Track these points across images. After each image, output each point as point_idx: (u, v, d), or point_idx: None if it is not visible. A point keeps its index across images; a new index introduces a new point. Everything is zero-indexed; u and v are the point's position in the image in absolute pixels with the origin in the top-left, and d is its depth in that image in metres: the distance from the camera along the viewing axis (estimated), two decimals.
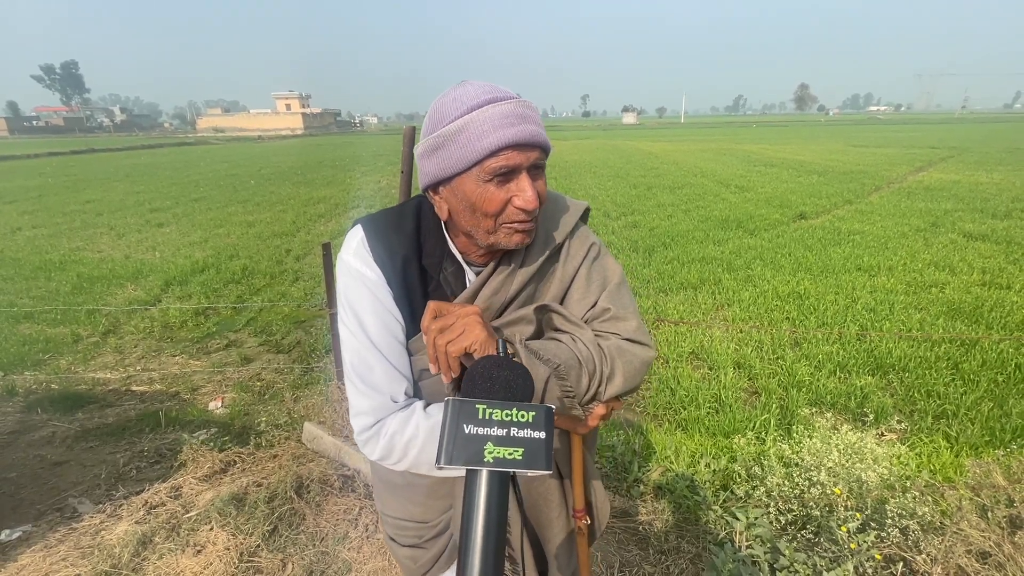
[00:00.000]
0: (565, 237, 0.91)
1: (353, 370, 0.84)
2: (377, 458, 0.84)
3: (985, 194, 9.95)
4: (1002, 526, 1.79)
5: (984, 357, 3.55)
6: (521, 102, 0.75)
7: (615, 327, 0.88)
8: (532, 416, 0.53)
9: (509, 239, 0.80)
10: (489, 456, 0.51)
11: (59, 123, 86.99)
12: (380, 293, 0.84)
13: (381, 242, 0.85)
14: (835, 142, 28.20)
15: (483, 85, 0.77)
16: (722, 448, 2.58)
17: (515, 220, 0.77)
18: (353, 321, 0.84)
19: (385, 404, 0.83)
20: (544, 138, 0.76)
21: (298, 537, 2.07)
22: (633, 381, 0.85)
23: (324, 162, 21.93)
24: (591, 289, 0.90)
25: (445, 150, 0.75)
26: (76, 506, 2.28)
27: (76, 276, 5.95)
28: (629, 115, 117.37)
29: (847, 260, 5.93)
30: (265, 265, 6.39)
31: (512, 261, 0.87)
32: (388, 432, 0.82)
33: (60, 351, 4.08)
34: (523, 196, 0.75)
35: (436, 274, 0.87)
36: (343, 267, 0.86)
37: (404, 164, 1.55)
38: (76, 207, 11.03)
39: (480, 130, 0.72)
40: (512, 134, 0.72)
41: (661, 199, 10.28)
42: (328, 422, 2.81)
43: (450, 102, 0.76)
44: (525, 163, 0.74)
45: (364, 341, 0.83)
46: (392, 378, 0.84)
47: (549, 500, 0.95)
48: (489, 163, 0.73)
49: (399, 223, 0.88)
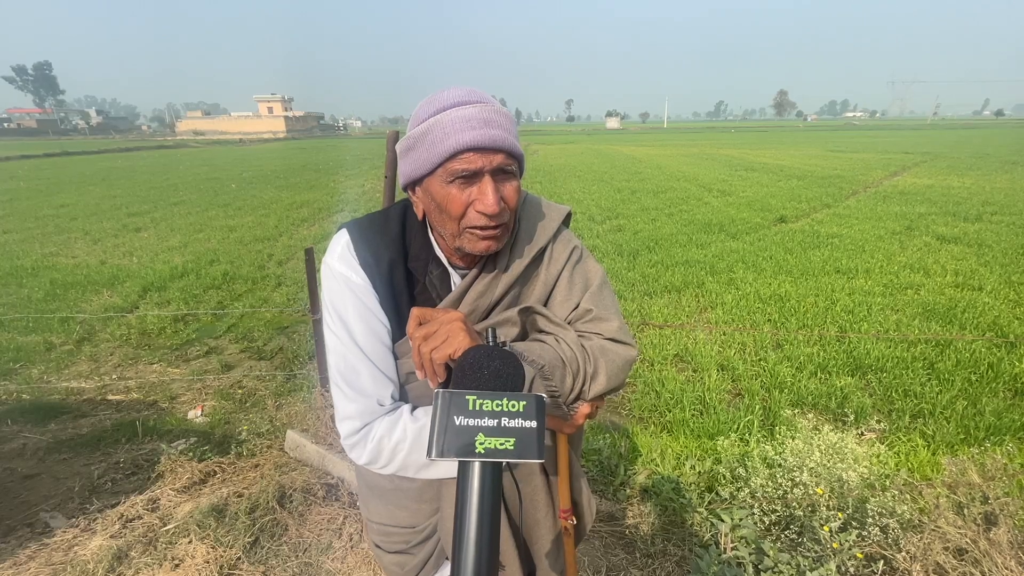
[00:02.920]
0: (548, 241, 0.91)
1: (339, 374, 0.83)
2: (364, 462, 0.84)
3: (957, 198, 10.25)
4: (978, 523, 1.83)
5: (958, 357, 3.65)
6: (489, 107, 0.75)
7: (597, 327, 0.88)
8: (523, 405, 0.53)
9: (474, 245, 0.80)
10: (480, 447, 0.51)
11: (32, 125, 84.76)
12: (366, 297, 0.84)
13: (367, 246, 0.85)
14: (813, 147, 28.83)
15: (461, 90, 0.77)
16: (707, 450, 2.60)
17: (476, 225, 0.77)
18: (339, 325, 0.84)
19: (372, 408, 0.83)
20: (510, 143, 0.76)
21: (280, 548, 2.03)
22: (616, 380, 0.86)
23: (307, 165, 21.71)
24: (573, 291, 0.91)
25: (415, 151, 0.77)
26: (48, 521, 2.20)
27: (49, 282, 5.78)
28: (613, 120, 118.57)
29: (826, 263, 6.05)
30: (247, 270, 6.28)
31: (497, 265, 0.87)
32: (376, 436, 0.82)
33: (32, 360, 3.96)
34: (483, 200, 0.75)
35: (422, 277, 0.87)
36: (328, 271, 0.85)
37: (388, 169, 1.54)
38: (50, 211, 10.73)
39: (443, 132, 0.73)
40: (472, 137, 0.72)
41: (645, 203, 10.39)
42: (311, 430, 2.76)
43: (425, 104, 0.78)
44: (487, 166, 0.75)
45: (350, 345, 0.83)
46: (378, 382, 0.84)
47: (536, 501, 0.95)
48: (450, 165, 0.74)
49: (384, 226, 0.88)
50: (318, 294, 2.85)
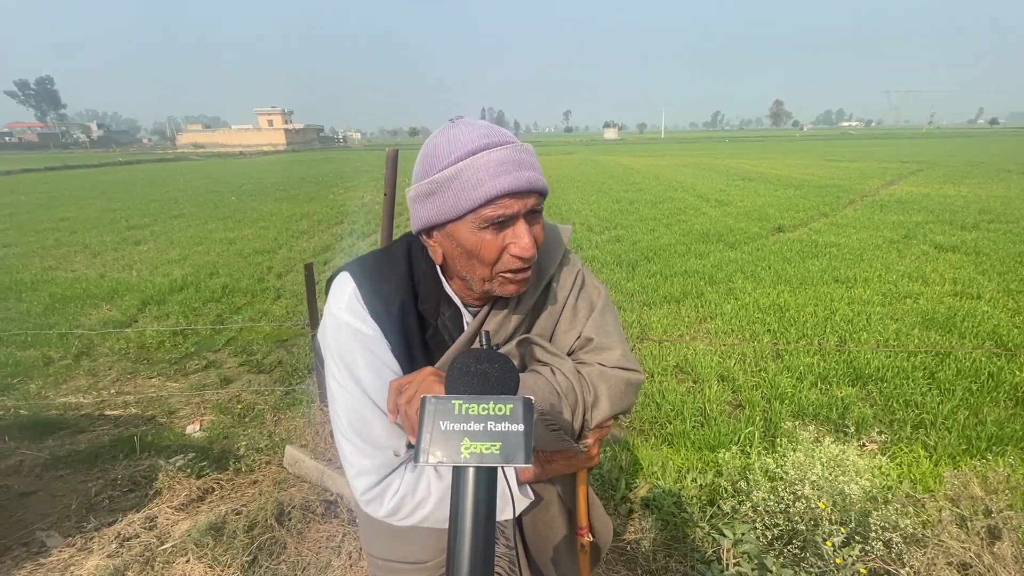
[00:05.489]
0: (556, 268, 0.90)
1: (351, 428, 0.80)
2: (383, 516, 0.81)
3: (953, 206, 10.30)
4: (981, 536, 1.82)
5: (958, 366, 3.64)
6: (517, 147, 0.73)
7: (599, 357, 0.87)
8: (509, 409, 0.52)
9: (504, 288, 0.78)
10: (466, 452, 0.50)
11: (33, 139, 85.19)
12: (377, 348, 0.80)
13: (375, 293, 0.80)
14: (810, 156, 29.03)
15: (478, 127, 0.74)
16: (708, 462, 2.59)
17: (511, 269, 0.75)
18: (347, 378, 0.80)
19: (388, 460, 0.81)
20: (541, 183, 0.74)
21: (279, 567, 2.01)
22: (621, 403, 0.84)
23: (307, 178, 21.80)
24: (577, 319, 0.90)
25: (439, 196, 0.73)
26: (44, 540, 2.18)
27: (48, 296, 5.78)
28: (611, 131, 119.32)
29: (824, 272, 6.06)
30: (246, 283, 6.28)
31: (509, 300, 0.85)
32: (398, 492, 0.80)
33: (30, 375, 3.94)
34: (519, 243, 0.73)
35: (433, 320, 0.84)
36: (334, 322, 0.80)
37: (387, 187, 1.55)
38: (50, 225, 10.75)
39: (476, 178, 0.70)
40: (508, 182, 0.70)
41: (643, 213, 10.43)
42: (310, 445, 2.75)
43: (443, 144, 0.73)
44: (523, 210, 0.73)
45: (361, 398, 0.79)
46: (393, 433, 0.81)
47: (554, 528, 0.94)
48: (485, 211, 0.71)
49: (391, 269, 0.84)
50: (317, 309, 2.85)
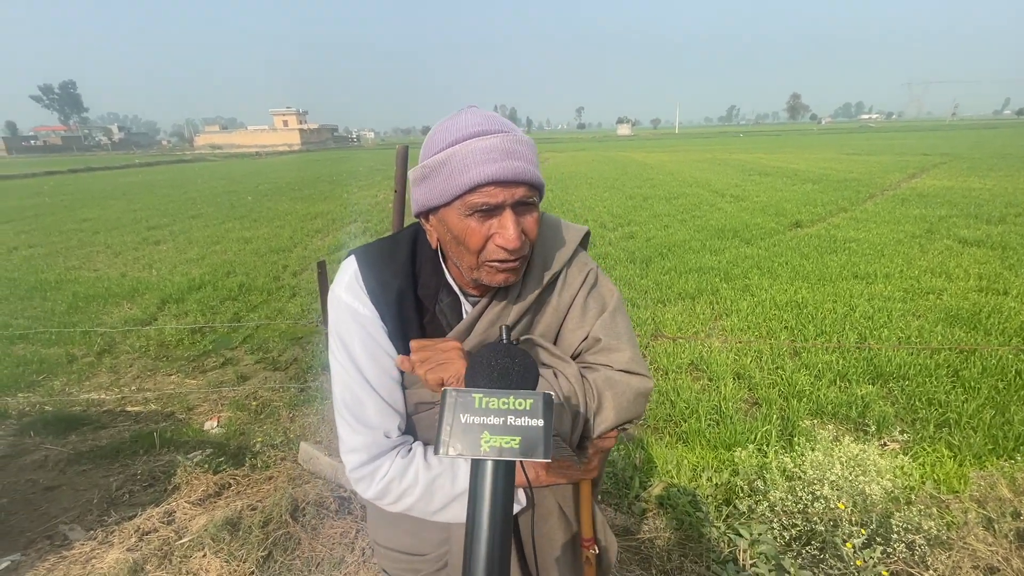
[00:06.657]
0: (563, 266, 0.88)
1: (344, 405, 0.82)
2: (370, 498, 0.82)
3: (979, 200, 10.01)
4: (1009, 539, 1.76)
5: (984, 364, 3.54)
6: (510, 136, 0.72)
7: (607, 358, 0.85)
8: (529, 404, 0.52)
9: (492, 277, 0.77)
10: (486, 445, 0.51)
11: (57, 142, 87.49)
12: (373, 329, 0.82)
13: (375, 276, 0.82)
14: (828, 150, 28.45)
15: (479, 115, 0.74)
16: (724, 461, 2.55)
17: (496, 259, 0.75)
18: (344, 356, 0.82)
19: (378, 440, 0.81)
20: (532, 175, 0.73)
21: (293, 563, 2.03)
22: (627, 413, 0.82)
23: (321, 177, 22.03)
24: (586, 318, 0.88)
25: (430, 180, 0.74)
26: (67, 533, 2.24)
27: (72, 295, 5.92)
28: (624, 126, 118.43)
29: (844, 268, 5.94)
30: (262, 281, 6.37)
31: (509, 292, 0.84)
32: (385, 476, 0.81)
33: (54, 372, 4.04)
34: (504, 234, 0.72)
35: (432, 306, 0.84)
36: (335, 302, 0.83)
37: (397, 183, 1.55)
38: (73, 226, 11.03)
39: (462, 164, 0.70)
40: (493, 170, 0.69)
41: (657, 209, 10.32)
42: (324, 441, 2.77)
43: (442, 131, 0.74)
44: (509, 200, 0.72)
45: (356, 377, 0.81)
46: (385, 414, 0.82)
47: (554, 541, 0.92)
48: (469, 198, 0.71)
49: (393, 253, 0.85)
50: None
